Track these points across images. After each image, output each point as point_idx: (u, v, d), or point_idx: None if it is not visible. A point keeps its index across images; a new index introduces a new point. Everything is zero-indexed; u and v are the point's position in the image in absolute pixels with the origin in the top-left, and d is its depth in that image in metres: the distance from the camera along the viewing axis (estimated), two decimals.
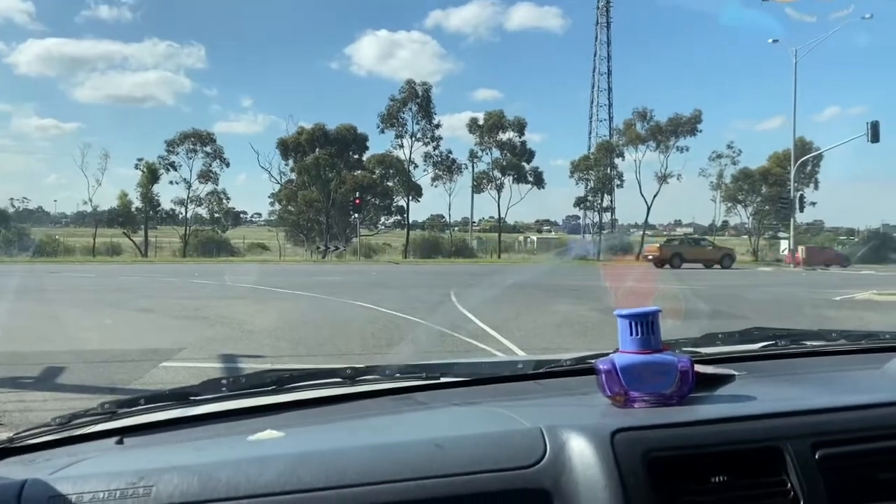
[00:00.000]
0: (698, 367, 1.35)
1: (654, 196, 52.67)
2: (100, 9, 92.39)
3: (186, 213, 52.13)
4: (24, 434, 1.31)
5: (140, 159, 50.46)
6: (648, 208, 53.38)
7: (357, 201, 47.18)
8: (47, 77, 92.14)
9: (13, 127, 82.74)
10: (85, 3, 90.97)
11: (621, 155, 53.79)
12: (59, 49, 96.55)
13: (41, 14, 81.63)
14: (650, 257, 35.30)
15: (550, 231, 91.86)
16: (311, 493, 0.99)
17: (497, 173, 53.26)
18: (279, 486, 1.00)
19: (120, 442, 1.28)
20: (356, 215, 48.84)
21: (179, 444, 1.26)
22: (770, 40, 40.63)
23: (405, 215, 55.07)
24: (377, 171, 53.60)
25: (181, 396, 1.43)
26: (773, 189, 49.73)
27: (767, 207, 51.77)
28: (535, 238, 77.64)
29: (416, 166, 53.57)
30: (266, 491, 0.99)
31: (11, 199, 53.98)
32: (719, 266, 35.28)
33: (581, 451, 1.06)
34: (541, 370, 1.60)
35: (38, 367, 6.54)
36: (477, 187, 54.29)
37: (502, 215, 55.38)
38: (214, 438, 1.27)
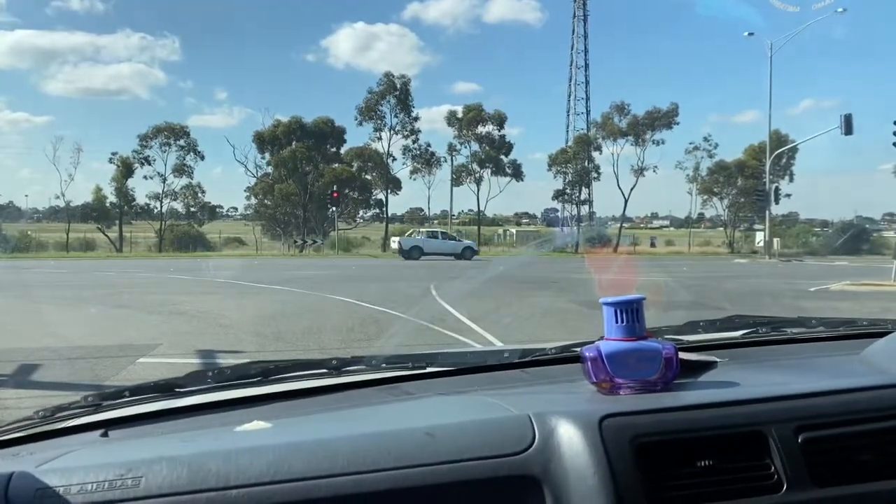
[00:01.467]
0: (682, 355, 1.36)
1: (632, 189, 53.01)
2: (71, 0, 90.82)
3: (161, 207, 51.61)
4: (7, 428, 1.29)
5: (114, 153, 49.86)
6: (626, 201, 53.71)
7: (335, 195, 46.99)
8: (18, 70, 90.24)
9: None
10: None
11: (599, 148, 54.11)
12: (30, 41, 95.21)
13: (11, 5, 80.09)
14: None
15: (529, 224, 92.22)
16: (302, 482, 0.99)
17: (476, 166, 53.29)
18: (270, 475, 1.00)
19: (105, 434, 1.27)
20: (334, 209, 48.61)
21: (165, 435, 1.25)
22: (745, 34, 40.97)
23: (384, 209, 55.00)
24: (355, 165, 53.38)
25: (166, 388, 1.42)
26: (749, 181, 50.24)
27: (743, 200, 52.27)
28: (514, 231, 77.79)
29: (394, 159, 53.46)
30: (257, 481, 0.99)
31: None
32: None
33: (570, 438, 1.07)
34: (527, 359, 1.61)
35: (13, 365, 6.45)
36: (456, 180, 54.34)
37: (481, 208, 55.53)
38: (201, 430, 1.26)
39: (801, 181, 55.47)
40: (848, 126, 32.08)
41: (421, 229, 45.42)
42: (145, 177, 50.74)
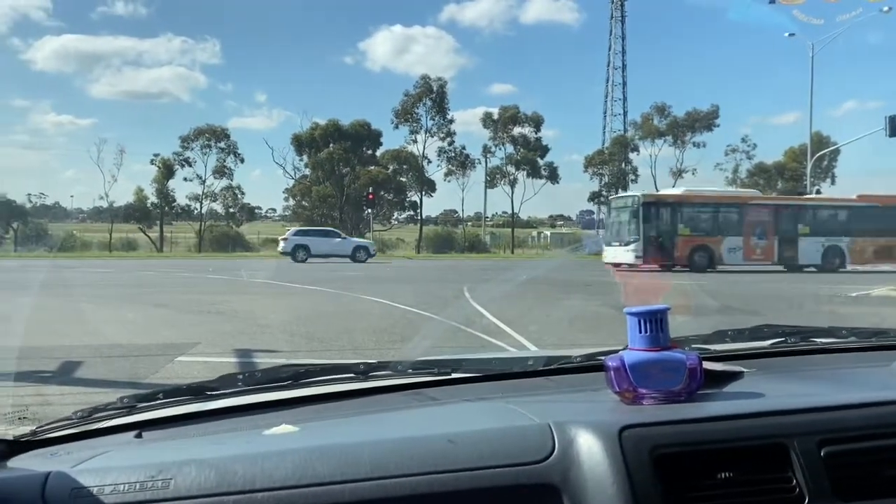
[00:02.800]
0: (707, 365, 1.36)
1: None
2: (115, 5, 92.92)
3: (201, 208, 52.57)
4: (46, 427, 1.34)
5: (156, 155, 50.97)
6: None
7: (370, 196, 47.32)
8: (64, 73, 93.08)
9: (30, 123, 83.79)
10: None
11: (636, 149, 53.69)
12: (75, 45, 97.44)
13: (58, 10, 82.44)
14: None
15: (564, 226, 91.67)
16: (326, 486, 1.02)
17: (511, 168, 53.25)
18: (295, 479, 1.02)
19: (139, 436, 1.31)
20: (369, 210, 48.99)
21: (197, 437, 1.29)
22: (786, 34, 40.18)
23: (418, 210, 55.24)
24: (391, 167, 53.72)
25: (198, 391, 1.46)
26: (789, 184, 49.47)
27: None
28: (548, 233, 77.38)
29: (429, 161, 53.75)
30: (282, 484, 1.02)
31: (29, 194, 54.19)
32: None
33: (589, 447, 1.08)
34: (551, 366, 1.62)
35: (57, 362, 6.61)
36: (490, 182, 54.40)
37: (515, 210, 55.44)
38: (231, 432, 1.30)
39: (843, 184, 54.40)
40: (893, 128, 31.27)
41: None
42: (185, 178, 51.77)
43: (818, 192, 42.18)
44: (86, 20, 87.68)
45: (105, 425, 1.35)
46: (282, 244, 33.47)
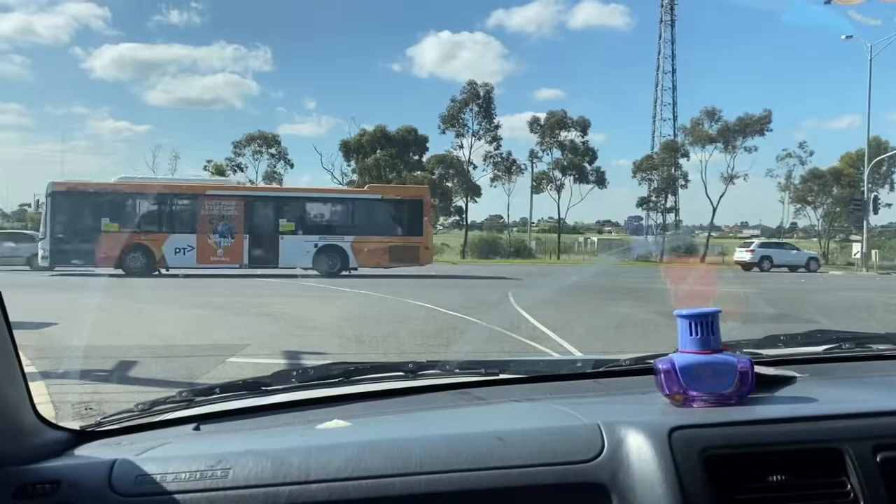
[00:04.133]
0: (759, 369, 1.35)
1: (720, 197, 51.36)
2: (171, 14, 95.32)
3: None
4: (110, 418, 1.40)
5: (209, 161, 52.09)
6: (714, 209, 52.12)
7: None
8: (121, 81, 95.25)
9: (89, 129, 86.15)
10: (157, 9, 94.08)
11: (686, 155, 52.76)
12: (132, 54, 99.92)
13: (116, 20, 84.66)
14: None
15: (611, 232, 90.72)
16: (377, 479, 1.04)
17: (557, 173, 52.95)
18: (347, 472, 1.05)
19: (197, 428, 1.36)
20: None
21: (253, 431, 1.33)
22: (843, 36, 39.14)
23: (464, 216, 55.22)
24: (437, 172, 53.86)
25: (254, 386, 1.51)
26: (845, 190, 48.02)
27: (839, 209, 49.94)
28: (595, 239, 76.54)
29: (475, 167, 53.73)
30: (335, 477, 1.05)
31: None
32: None
33: (638, 448, 1.09)
34: (600, 369, 1.62)
35: (114, 361, 6.80)
36: (536, 187, 54.16)
37: (562, 216, 55.03)
38: (285, 426, 1.33)
39: None
40: None
41: None
42: (238, 183, 52.73)
43: (876, 198, 40.88)
44: (142, 29, 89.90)
45: (165, 418, 1.40)
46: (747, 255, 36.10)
